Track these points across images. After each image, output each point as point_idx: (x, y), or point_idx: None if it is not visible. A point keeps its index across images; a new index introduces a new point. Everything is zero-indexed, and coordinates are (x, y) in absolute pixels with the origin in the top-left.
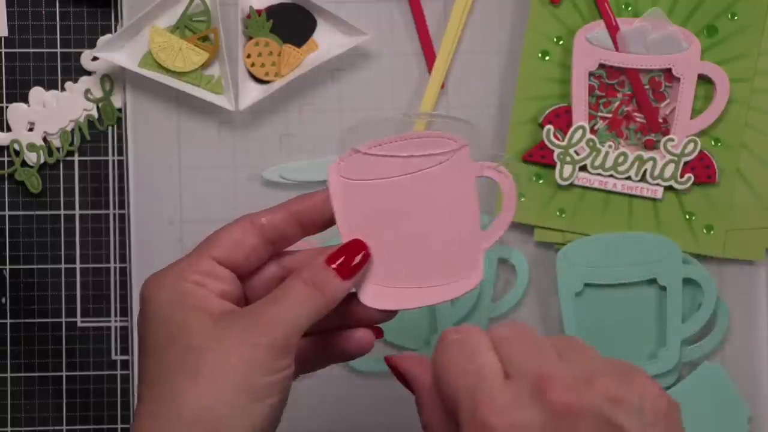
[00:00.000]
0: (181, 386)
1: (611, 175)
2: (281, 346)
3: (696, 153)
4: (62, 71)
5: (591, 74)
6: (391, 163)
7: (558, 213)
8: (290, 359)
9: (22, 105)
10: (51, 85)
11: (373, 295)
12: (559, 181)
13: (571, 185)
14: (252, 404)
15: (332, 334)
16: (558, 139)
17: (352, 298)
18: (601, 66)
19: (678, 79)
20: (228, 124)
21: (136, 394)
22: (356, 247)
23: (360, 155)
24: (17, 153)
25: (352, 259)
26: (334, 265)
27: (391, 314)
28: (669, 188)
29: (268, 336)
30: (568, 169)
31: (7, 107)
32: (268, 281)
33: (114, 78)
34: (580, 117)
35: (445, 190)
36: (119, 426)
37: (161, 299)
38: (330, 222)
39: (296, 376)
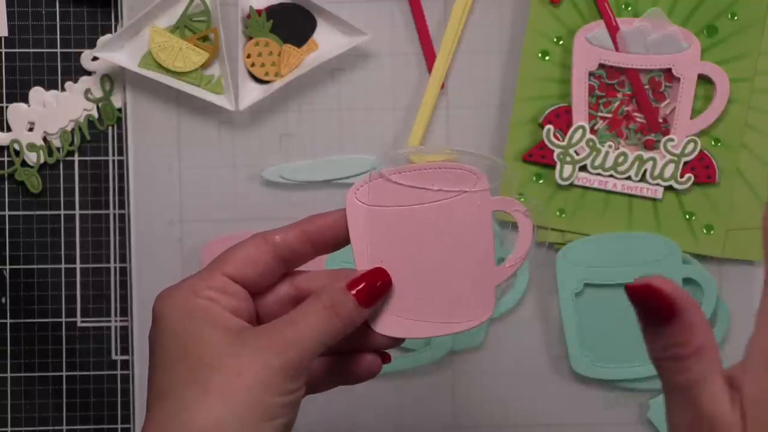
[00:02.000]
0: (191, 400)
1: (611, 175)
2: (295, 368)
3: (696, 153)
4: (62, 71)
5: (591, 74)
6: (412, 192)
7: (558, 213)
8: (302, 381)
9: (22, 105)
10: (51, 85)
11: (384, 323)
12: (559, 181)
13: (571, 185)
14: (261, 423)
15: (341, 358)
16: (558, 139)
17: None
18: (601, 66)
19: (678, 79)
20: (228, 124)
21: (144, 406)
22: (378, 275)
23: (381, 181)
24: (17, 153)
25: (373, 286)
26: (353, 292)
27: (399, 341)
28: (669, 188)
29: (283, 357)
30: (568, 169)
31: (7, 107)
32: (281, 299)
33: (114, 78)
34: (580, 117)
35: (463, 223)
36: (119, 426)
37: (173, 314)
38: (343, 243)
39: (304, 396)
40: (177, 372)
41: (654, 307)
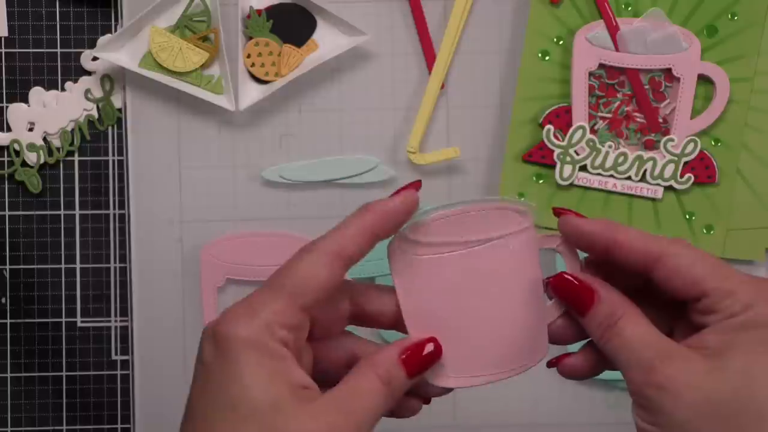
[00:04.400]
0: None
1: (611, 175)
2: None
3: (696, 153)
4: (62, 71)
5: (591, 74)
6: (454, 236)
7: None
8: None
9: (22, 105)
10: (51, 85)
11: (441, 378)
12: (559, 181)
13: (571, 185)
14: None
15: None
16: (558, 139)
17: None
18: (601, 66)
19: (678, 79)
20: (228, 124)
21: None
22: (428, 345)
23: (422, 229)
24: (17, 153)
25: (422, 358)
26: (404, 363)
27: (449, 390)
28: (669, 188)
29: None
30: (568, 169)
31: (7, 107)
32: (339, 315)
33: (114, 78)
34: (580, 117)
35: (510, 265)
36: (119, 426)
37: (247, 359)
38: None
39: None
40: (237, 426)
41: (577, 295)
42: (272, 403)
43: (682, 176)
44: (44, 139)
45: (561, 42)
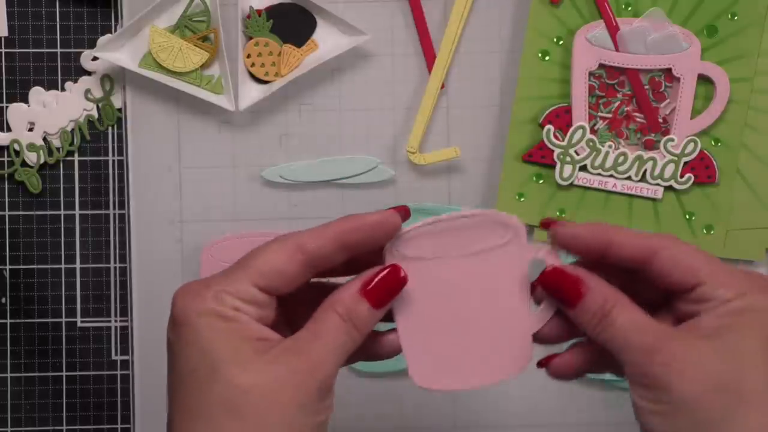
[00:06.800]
0: (226, 427)
1: (611, 175)
2: (327, 387)
3: (696, 153)
4: (62, 71)
5: (591, 74)
6: (447, 244)
7: (558, 213)
8: (332, 397)
9: (22, 105)
10: (51, 85)
11: (425, 377)
12: (559, 181)
13: (571, 185)
14: None
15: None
16: (558, 139)
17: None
18: (601, 66)
19: (678, 79)
20: (228, 124)
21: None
22: (391, 276)
23: (414, 235)
24: (17, 153)
25: (386, 286)
26: (367, 290)
27: None
28: (669, 188)
29: (316, 378)
30: (568, 169)
31: (7, 107)
32: (307, 300)
33: (114, 78)
34: (580, 117)
35: (500, 275)
36: (119, 426)
37: (199, 323)
38: (378, 249)
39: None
40: (207, 394)
41: (566, 287)
42: (229, 358)
43: (682, 176)
44: (44, 139)
45: (561, 42)
